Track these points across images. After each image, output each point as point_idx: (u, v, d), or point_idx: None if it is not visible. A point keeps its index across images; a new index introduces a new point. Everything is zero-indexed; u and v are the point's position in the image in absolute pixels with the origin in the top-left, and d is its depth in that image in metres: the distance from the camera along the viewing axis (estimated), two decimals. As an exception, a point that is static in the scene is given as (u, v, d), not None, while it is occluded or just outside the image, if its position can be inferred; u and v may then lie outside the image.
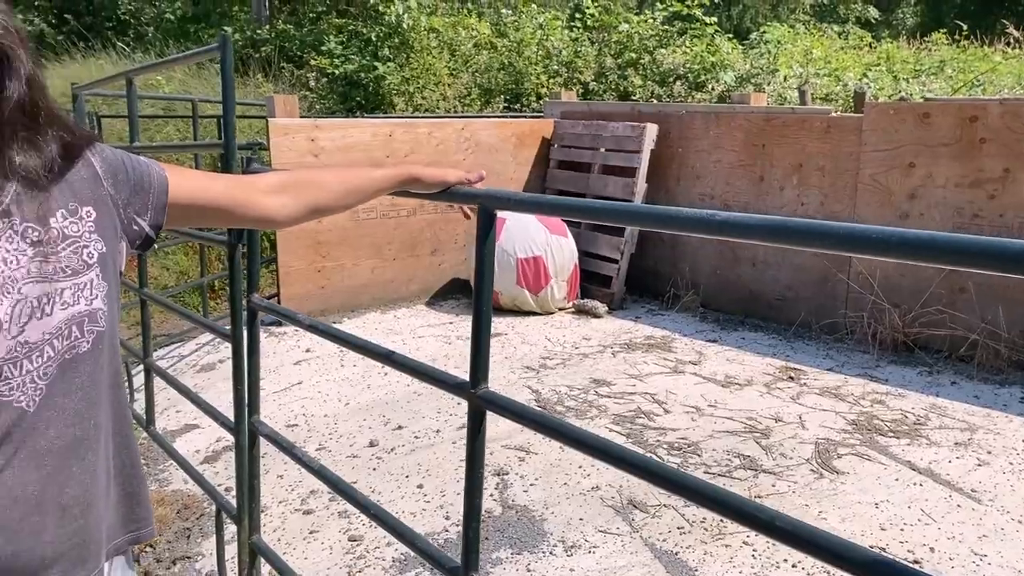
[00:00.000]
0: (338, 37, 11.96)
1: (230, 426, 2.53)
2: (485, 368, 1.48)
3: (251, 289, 2.29)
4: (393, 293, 6.01)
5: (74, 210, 1.12)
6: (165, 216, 1.26)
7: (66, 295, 1.09)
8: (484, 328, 1.46)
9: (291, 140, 5.44)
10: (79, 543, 1.12)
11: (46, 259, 1.07)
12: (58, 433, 1.08)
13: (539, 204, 1.39)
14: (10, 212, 1.05)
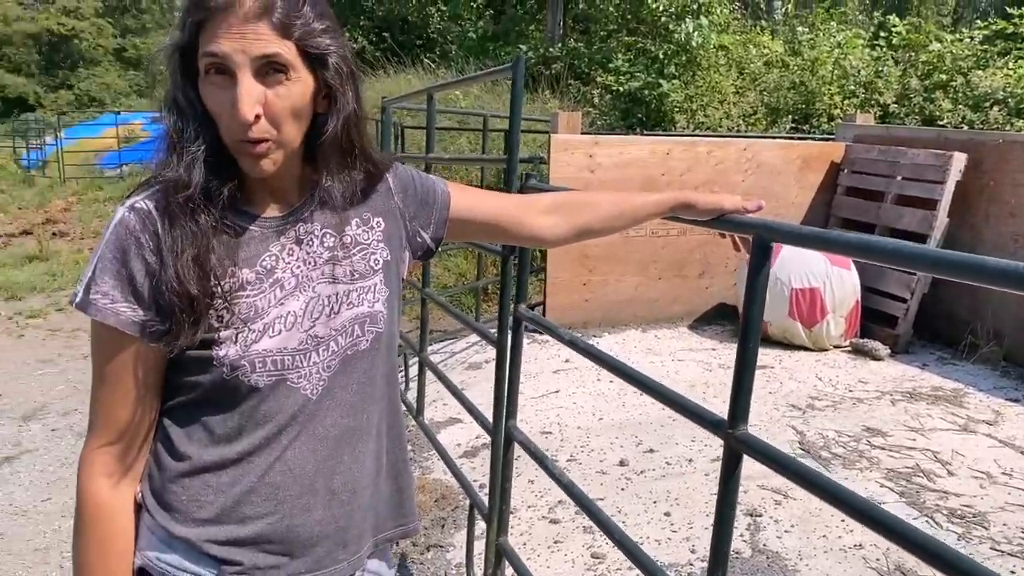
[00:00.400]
0: (626, 55, 12.10)
1: (488, 427, 2.64)
2: (745, 409, 1.40)
3: (519, 299, 2.36)
4: (656, 312, 5.96)
5: (366, 220, 1.24)
6: (445, 230, 1.35)
7: (352, 296, 1.19)
8: (749, 366, 1.38)
9: (570, 156, 5.58)
10: (342, 527, 1.21)
11: (338, 263, 1.19)
12: (334, 422, 1.18)
13: (821, 240, 1.28)
14: (313, 219, 1.18)
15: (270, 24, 1.02)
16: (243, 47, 1.01)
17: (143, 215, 1.07)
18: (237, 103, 1.01)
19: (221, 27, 1.01)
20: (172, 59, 1.07)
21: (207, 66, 1.03)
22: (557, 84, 12.65)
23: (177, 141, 1.07)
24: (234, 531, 1.13)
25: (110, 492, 1.13)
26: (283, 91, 1.05)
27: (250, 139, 1.04)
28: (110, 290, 1.06)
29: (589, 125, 11.71)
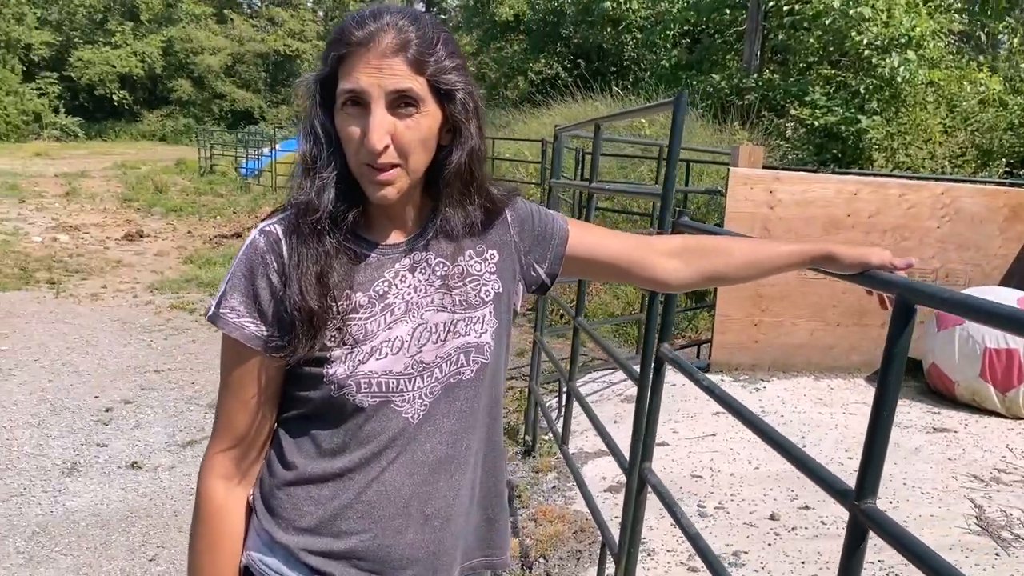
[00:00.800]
0: (823, 88, 11.61)
1: (624, 466, 2.59)
2: (875, 481, 1.30)
3: (663, 338, 2.31)
4: (831, 360, 5.63)
5: (480, 251, 1.27)
6: (561, 266, 1.34)
7: (460, 326, 1.22)
8: (881, 436, 1.28)
9: (749, 190, 5.40)
10: (433, 552, 1.22)
11: (449, 292, 1.22)
12: (432, 448, 1.20)
13: (967, 306, 1.16)
14: (429, 248, 1.22)
15: (405, 60, 1.08)
16: (379, 81, 1.07)
17: (272, 239, 1.15)
18: (369, 132, 1.07)
19: (360, 62, 1.07)
20: (312, 90, 1.13)
21: (345, 98, 1.09)
22: (748, 115, 12.30)
23: (311, 167, 1.13)
24: (329, 543, 1.17)
25: (225, 494, 1.20)
26: (412, 123, 1.10)
27: (378, 166, 1.09)
28: (237, 306, 1.14)
29: (780, 158, 11.31)
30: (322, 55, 1.14)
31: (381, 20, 1.09)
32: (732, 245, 1.42)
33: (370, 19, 1.09)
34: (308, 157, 1.14)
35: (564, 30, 22.95)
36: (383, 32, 1.08)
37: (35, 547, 3.34)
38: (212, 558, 1.20)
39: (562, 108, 15.33)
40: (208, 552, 1.20)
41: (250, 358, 1.16)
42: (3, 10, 36.69)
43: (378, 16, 1.10)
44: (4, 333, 6.44)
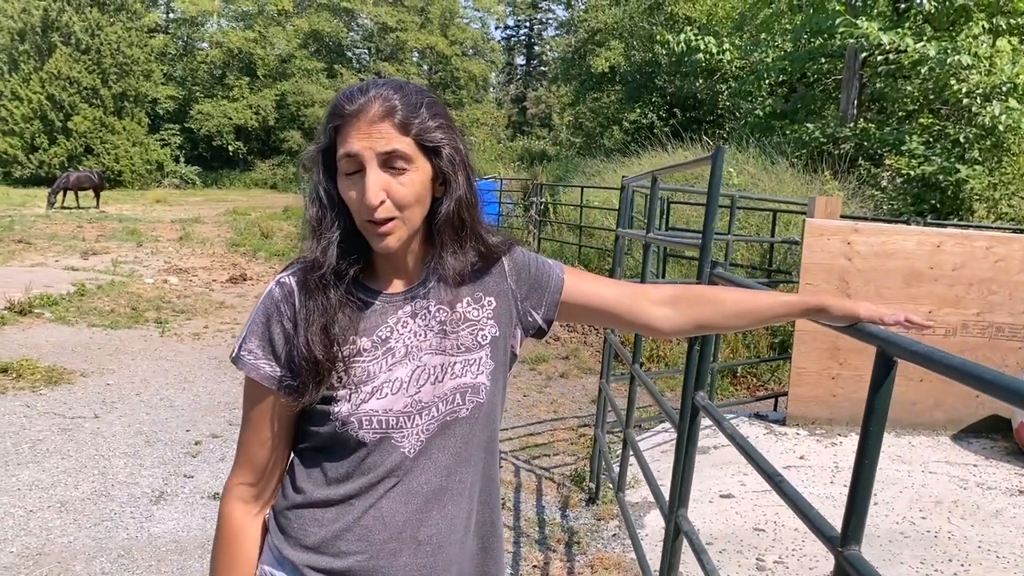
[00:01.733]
0: (921, 137, 11.32)
1: (663, 513, 2.62)
2: (859, 528, 1.34)
3: (698, 386, 2.36)
4: (913, 417, 5.45)
5: (478, 298, 1.37)
6: (556, 312, 1.44)
7: (456, 368, 1.32)
8: (864, 485, 1.33)
9: (825, 241, 5.34)
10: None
11: (446, 336, 1.33)
12: (427, 480, 1.31)
13: (947, 364, 1.19)
14: (429, 296, 1.34)
15: (392, 124, 1.21)
16: (370, 144, 1.21)
17: (287, 290, 1.29)
18: (366, 190, 1.20)
19: (353, 130, 1.22)
20: (316, 160, 1.28)
21: (344, 163, 1.23)
22: (841, 165, 12.09)
23: (317, 228, 1.27)
24: (330, 562, 1.29)
25: (242, 517, 1.35)
26: (405, 179, 1.23)
27: (376, 220, 1.22)
28: (255, 348, 1.29)
29: (874, 209, 11.06)
30: (323, 128, 1.28)
31: (368, 93, 1.23)
32: (722, 296, 1.49)
33: (359, 93, 1.24)
34: (314, 220, 1.27)
35: (659, 80, 23.11)
36: (371, 102, 1.21)
37: (119, 569, 3.58)
38: (229, 574, 1.34)
39: (652, 157, 15.41)
40: (225, 571, 1.34)
41: (266, 396, 1.30)
42: (134, 68, 39.40)
43: (366, 89, 1.24)
44: (112, 369, 6.89)
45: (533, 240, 14.30)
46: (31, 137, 36.48)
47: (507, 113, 53.89)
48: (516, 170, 26.49)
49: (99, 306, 9.50)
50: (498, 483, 1.44)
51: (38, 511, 4.10)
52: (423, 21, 47.37)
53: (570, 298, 1.44)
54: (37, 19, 37.07)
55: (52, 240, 15.68)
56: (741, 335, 8.06)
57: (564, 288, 1.44)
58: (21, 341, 7.63)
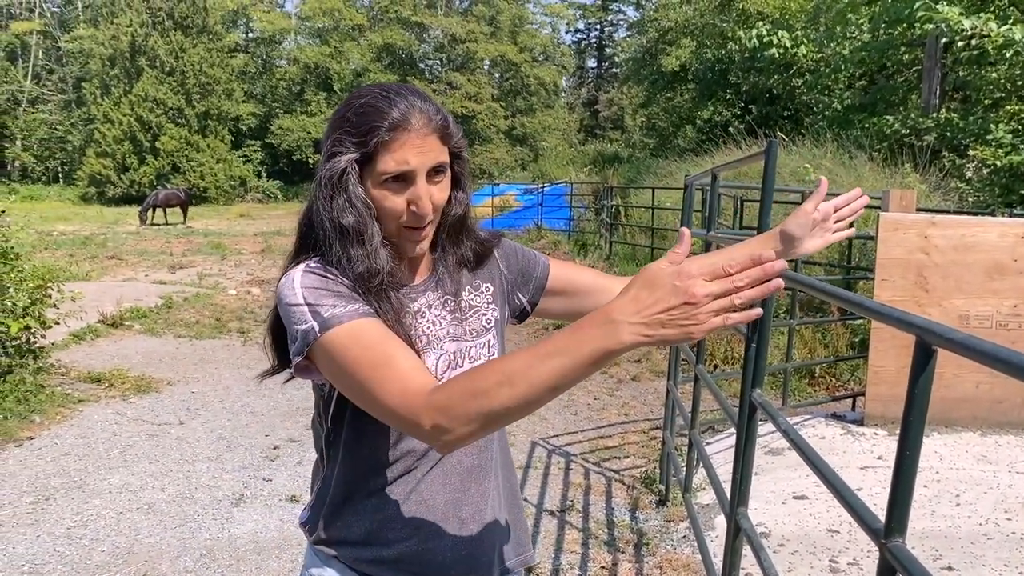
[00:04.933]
0: (1008, 125, 10.86)
1: (726, 513, 2.60)
2: (903, 518, 1.31)
3: (754, 384, 2.34)
4: (1000, 415, 5.24)
5: (477, 286, 1.46)
6: (541, 296, 1.53)
7: (472, 352, 1.41)
8: (907, 473, 1.30)
9: (901, 235, 5.19)
10: (472, 555, 1.38)
11: (459, 324, 1.41)
12: (459, 459, 1.37)
13: (985, 352, 1.17)
14: (438, 287, 1.41)
15: (437, 137, 1.27)
16: (423, 160, 1.25)
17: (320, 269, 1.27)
18: (419, 201, 1.26)
19: (405, 144, 1.23)
20: (348, 171, 1.25)
21: (393, 175, 1.24)
22: (923, 157, 11.69)
23: (359, 235, 1.25)
24: (378, 552, 1.34)
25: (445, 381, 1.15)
26: (442, 186, 1.30)
27: (420, 226, 1.29)
28: (336, 302, 1.21)
29: (958, 201, 10.66)
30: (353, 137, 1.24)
31: (410, 105, 1.25)
32: None
33: (400, 103, 1.24)
34: (354, 227, 1.24)
35: (732, 76, 22.76)
36: (416, 115, 1.24)
37: (201, 567, 3.73)
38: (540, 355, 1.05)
39: (726, 155, 15.18)
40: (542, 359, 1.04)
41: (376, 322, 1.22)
42: (216, 87, 40.85)
43: (403, 98, 1.25)
44: (196, 377, 7.16)
45: (605, 244, 14.24)
46: (122, 158, 38.21)
47: (579, 117, 53.84)
48: (588, 174, 26.45)
49: (185, 317, 9.88)
50: (510, 452, 1.54)
51: (127, 512, 4.30)
52: (493, 30, 47.71)
53: (555, 282, 1.54)
54: (125, 44, 38.82)
55: (142, 256, 16.37)
56: (820, 334, 7.88)
57: (550, 272, 1.54)
58: (113, 352, 8.00)
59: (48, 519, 4.20)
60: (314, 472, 1.48)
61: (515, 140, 47.06)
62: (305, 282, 1.24)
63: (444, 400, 1.08)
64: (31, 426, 5.60)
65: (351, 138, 1.24)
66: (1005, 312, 5.20)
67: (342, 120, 1.26)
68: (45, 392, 6.18)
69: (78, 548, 3.89)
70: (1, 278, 6.20)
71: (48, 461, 5.01)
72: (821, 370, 7.28)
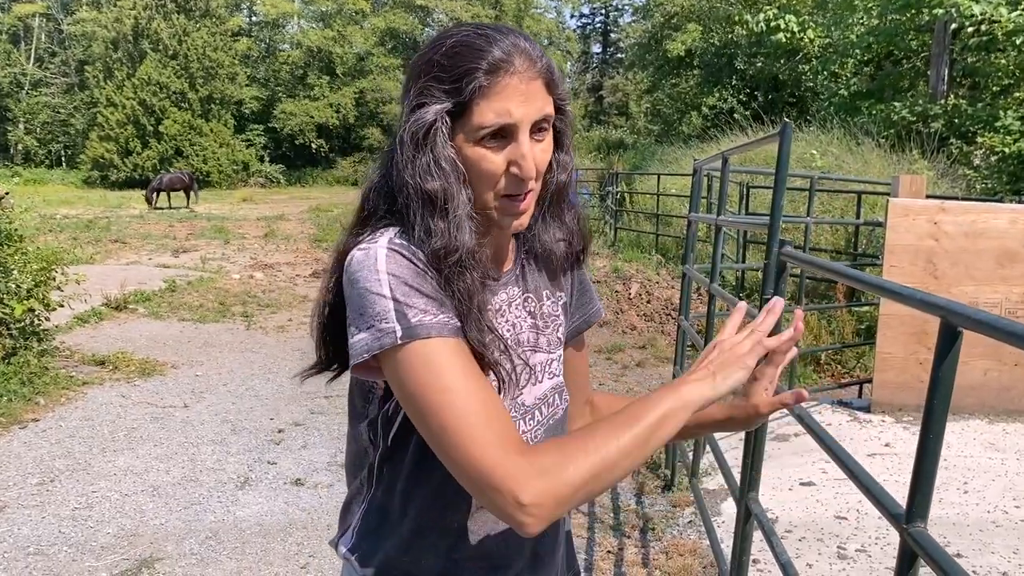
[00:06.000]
0: (1017, 112, 10.79)
1: (735, 498, 2.58)
2: (926, 503, 1.29)
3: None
4: (1007, 403, 5.22)
5: (553, 292, 1.25)
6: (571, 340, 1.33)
7: (553, 366, 1.21)
8: (930, 458, 1.28)
9: (911, 222, 5.16)
10: None
11: (540, 331, 1.19)
12: None
13: (1012, 333, 1.15)
14: (518, 282, 1.18)
15: (543, 84, 1.03)
16: (527, 111, 1.01)
17: (407, 249, 1.03)
18: (522, 161, 1.01)
19: (507, 90, 1.00)
20: (439, 124, 1.01)
21: (492, 130, 1.01)
22: (931, 143, 11.62)
23: (443, 204, 1.02)
24: None
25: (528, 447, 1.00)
26: (544, 145, 1.06)
27: (522, 193, 1.05)
28: (425, 307, 1.00)
29: (966, 188, 10.61)
30: (444, 84, 1.01)
31: (515, 43, 1.02)
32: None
33: (502, 40, 1.02)
34: (439, 194, 1.01)
35: (738, 62, 22.64)
36: (521, 56, 1.01)
37: (207, 550, 3.72)
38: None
39: (732, 141, 15.11)
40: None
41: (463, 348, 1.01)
42: (219, 71, 40.74)
43: (505, 36, 1.03)
44: (200, 361, 7.15)
45: (610, 230, 14.21)
46: (125, 141, 38.18)
47: (583, 103, 53.62)
48: (593, 160, 26.38)
49: (189, 301, 9.87)
50: None
51: (133, 495, 4.30)
52: (498, 14, 47.46)
53: (576, 342, 1.34)
54: (128, 27, 38.73)
55: (146, 239, 16.36)
56: (826, 320, 7.85)
57: (590, 326, 1.35)
58: (117, 335, 8.00)
59: (53, 501, 4.20)
60: (350, 488, 1.24)
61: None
62: (392, 267, 1.00)
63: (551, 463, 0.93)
64: (36, 408, 5.59)
65: (441, 84, 1.01)
66: (1015, 299, 5.17)
67: (429, 64, 1.02)
68: (50, 374, 6.17)
69: (83, 529, 3.89)
70: (5, 260, 6.18)
71: (53, 443, 5.00)
72: (827, 357, 7.26)
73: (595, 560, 3.65)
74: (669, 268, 10.86)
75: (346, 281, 1.03)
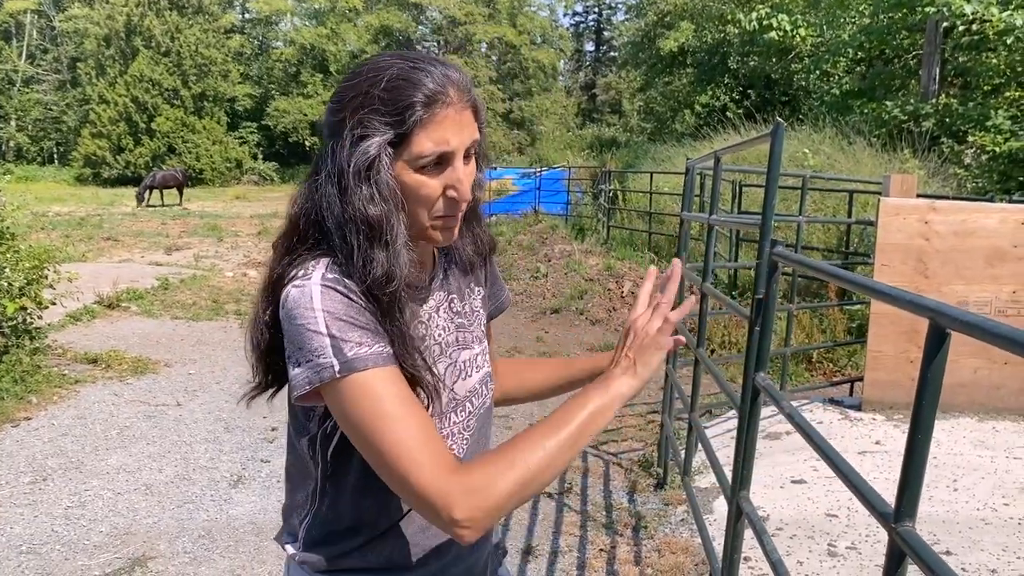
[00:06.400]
0: (1008, 112, 10.84)
1: (727, 496, 2.60)
2: (914, 503, 1.31)
3: (758, 367, 2.33)
4: (997, 401, 5.25)
5: (473, 289, 1.36)
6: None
7: (479, 359, 1.31)
8: (918, 458, 1.30)
9: (901, 220, 5.18)
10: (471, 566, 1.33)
11: (464, 328, 1.29)
12: None
13: (999, 335, 1.16)
14: (442, 287, 1.27)
15: (472, 112, 1.11)
16: (461, 138, 1.09)
17: (340, 284, 1.06)
18: (460, 186, 1.10)
19: (444, 120, 1.06)
20: (380, 156, 1.06)
21: (432, 158, 1.07)
22: (922, 143, 11.67)
23: (380, 232, 1.06)
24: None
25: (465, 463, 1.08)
26: (471, 167, 1.14)
27: (456, 214, 1.13)
28: (360, 339, 1.04)
29: (957, 187, 10.66)
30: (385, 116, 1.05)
31: (447, 75, 1.08)
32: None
33: (435, 72, 1.07)
34: (379, 221, 1.06)
35: (731, 61, 22.66)
36: (453, 87, 1.08)
37: (200, 548, 3.72)
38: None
39: (724, 140, 15.14)
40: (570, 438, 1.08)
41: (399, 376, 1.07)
42: (212, 68, 40.60)
43: (436, 68, 1.08)
44: (194, 359, 7.15)
45: (602, 228, 14.22)
46: (118, 138, 38.01)
47: (576, 101, 53.63)
48: (586, 158, 26.37)
49: (182, 299, 9.86)
50: None
51: (125, 493, 4.30)
52: (491, 12, 47.41)
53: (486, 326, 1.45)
54: (121, 24, 38.54)
55: (138, 237, 16.31)
56: (817, 319, 7.88)
57: (503, 311, 1.47)
58: (110, 333, 7.98)
59: (46, 499, 4.19)
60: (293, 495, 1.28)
61: (513, 124, 46.85)
62: (327, 304, 1.04)
63: (480, 481, 1.01)
64: (28, 407, 5.58)
65: (382, 117, 1.05)
66: (1004, 298, 5.20)
67: (368, 97, 1.06)
68: (42, 373, 6.16)
69: (76, 528, 3.89)
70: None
71: (45, 442, 5.00)
72: (819, 355, 7.29)
73: (587, 559, 3.67)
74: (662, 266, 10.87)
75: (283, 317, 1.07)
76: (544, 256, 11.69)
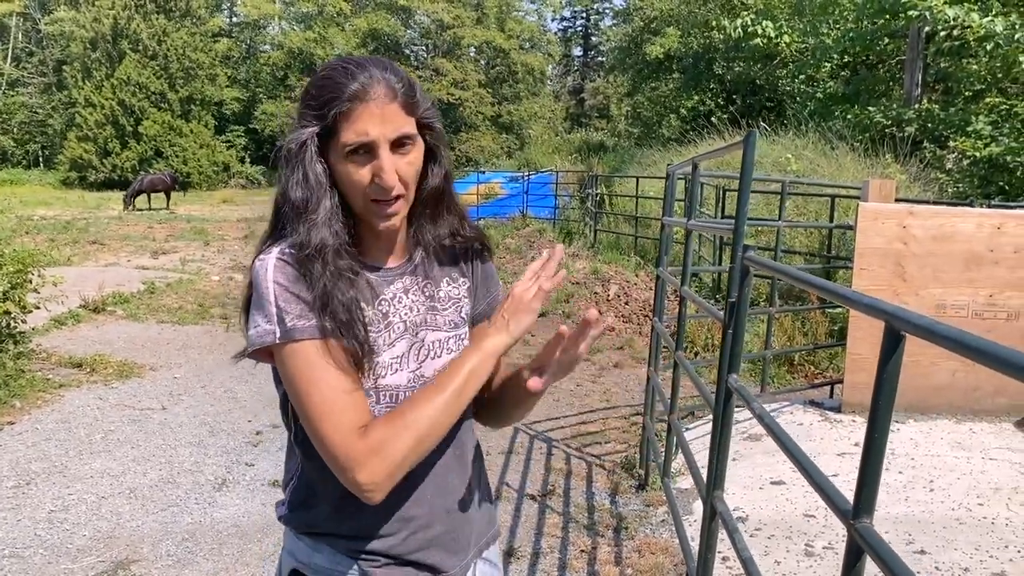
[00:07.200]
0: (988, 117, 10.97)
1: (703, 497, 2.64)
2: (871, 499, 1.36)
3: (731, 369, 2.37)
4: (974, 403, 5.32)
5: (455, 278, 1.45)
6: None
7: (451, 343, 1.40)
8: (875, 455, 1.35)
9: (880, 225, 5.25)
10: (453, 538, 1.40)
11: (437, 312, 1.40)
12: (440, 450, 1.35)
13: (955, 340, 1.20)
14: (416, 272, 1.39)
15: (400, 106, 1.24)
16: (383, 131, 1.22)
17: (292, 258, 1.23)
18: (383, 174, 1.22)
19: (364, 115, 1.21)
20: (308, 144, 1.23)
21: (354, 147, 1.22)
22: (904, 147, 11.79)
23: (302, 211, 1.23)
24: (373, 544, 1.33)
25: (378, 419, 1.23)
26: (410, 158, 1.27)
27: (388, 199, 1.25)
28: (300, 312, 1.20)
29: (939, 192, 10.78)
30: (313, 111, 1.23)
31: (370, 75, 1.22)
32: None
33: (360, 74, 1.22)
34: (300, 203, 1.23)
35: (717, 67, 22.80)
36: (377, 85, 1.22)
37: (183, 551, 3.74)
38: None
39: (710, 145, 15.23)
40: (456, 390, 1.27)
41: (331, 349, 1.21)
42: (199, 72, 40.48)
43: (364, 69, 1.23)
44: (179, 363, 7.15)
45: (589, 232, 14.28)
46: (104, 142, 37.80)
47: (564, 105, 53.75)
48: (573, 162, 26.46)
49: (168, 303, 9.84)
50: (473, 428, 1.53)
51: (109, 497, 4.31)
52: (479, 16, 47.48)
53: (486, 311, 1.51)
54: (107, 27, 38.36)
55: (124, 241, 16.26)
56: (799, 322, 7.95)
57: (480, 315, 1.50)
58: (95, 337, 7.97)
59: (29, 503, 4.20)
60: (286, 463, 1.44)
61: (501, 128, 46.88)
62: (278, 277, 1.21)
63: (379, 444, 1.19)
64: (11, 411, 5.58)
65: (312, 111, 1.23)
66: (981, 302, 5.27)
67: (305, 94, 1.26)
68: (26, 377, 6.15)
69: (59, 532, 3.89)
70: (-19, 262, 6.16)
71: (29, 446, 5.00)
72: (800, 358, 7.36)
73: (569, 559, 3.70)
74: (648, 270, 10.94)
75: (251, 284, 1.26)
76: (532, 259, 11.72)
